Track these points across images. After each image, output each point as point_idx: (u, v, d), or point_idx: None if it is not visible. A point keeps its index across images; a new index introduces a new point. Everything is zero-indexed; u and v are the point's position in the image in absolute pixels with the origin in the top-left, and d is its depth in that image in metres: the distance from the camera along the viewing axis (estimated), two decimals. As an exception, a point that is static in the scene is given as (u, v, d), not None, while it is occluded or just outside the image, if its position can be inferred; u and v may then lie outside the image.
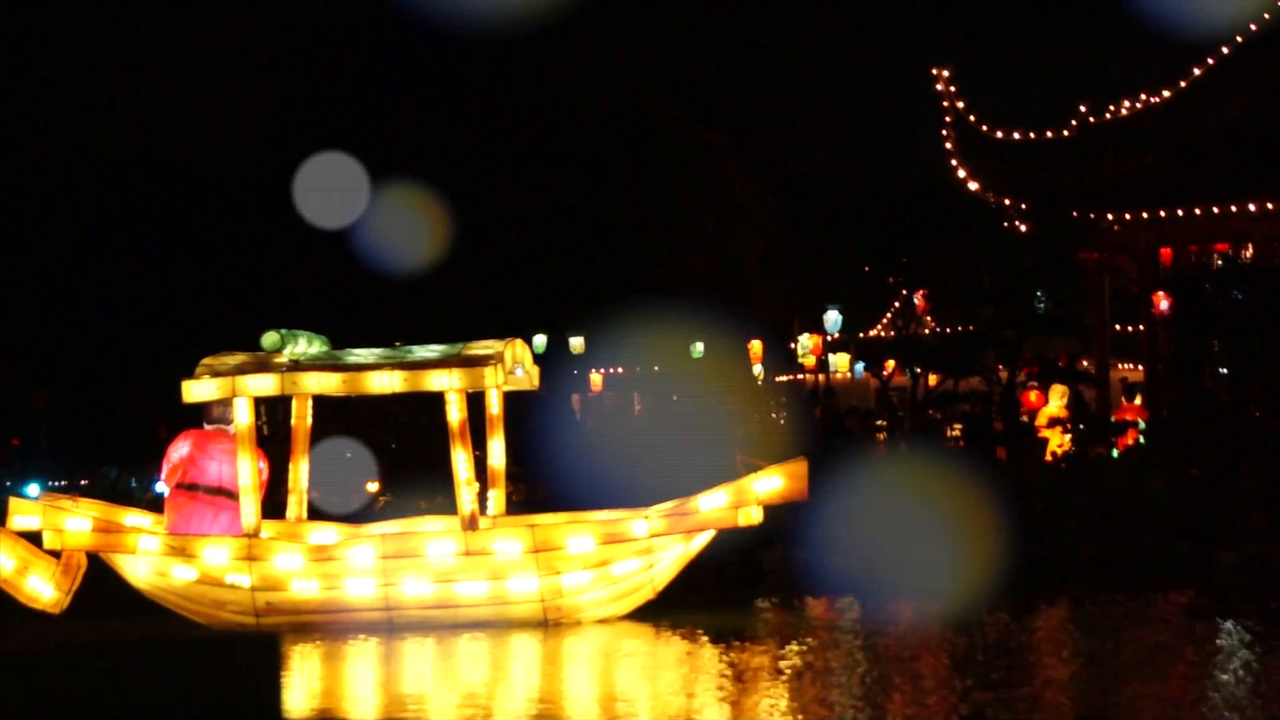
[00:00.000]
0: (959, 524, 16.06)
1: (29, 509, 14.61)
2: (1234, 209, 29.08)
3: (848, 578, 15.44)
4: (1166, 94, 31.02)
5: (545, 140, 36.64)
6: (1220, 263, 29.85)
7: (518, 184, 35.50)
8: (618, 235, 36.51)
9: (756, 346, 36.09)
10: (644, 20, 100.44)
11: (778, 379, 38.76)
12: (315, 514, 15.87)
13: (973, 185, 31.26)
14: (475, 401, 14.41)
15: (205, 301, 36.81)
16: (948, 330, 35.91)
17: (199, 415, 14.99)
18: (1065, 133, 31.27)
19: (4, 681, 8.34)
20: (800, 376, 37.18)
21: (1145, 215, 29.96)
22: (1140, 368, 33.97)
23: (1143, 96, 31.18)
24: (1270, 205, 28.86)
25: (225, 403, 14.44)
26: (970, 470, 17.63)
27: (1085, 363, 33.05)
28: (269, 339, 14.45)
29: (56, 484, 24.54)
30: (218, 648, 9.84)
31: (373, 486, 22.59)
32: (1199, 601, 15.07)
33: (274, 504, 15.18)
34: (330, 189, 33.31)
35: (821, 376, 37.08)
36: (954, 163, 31.32)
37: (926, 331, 39.62)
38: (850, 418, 28.13)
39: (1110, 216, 30.14)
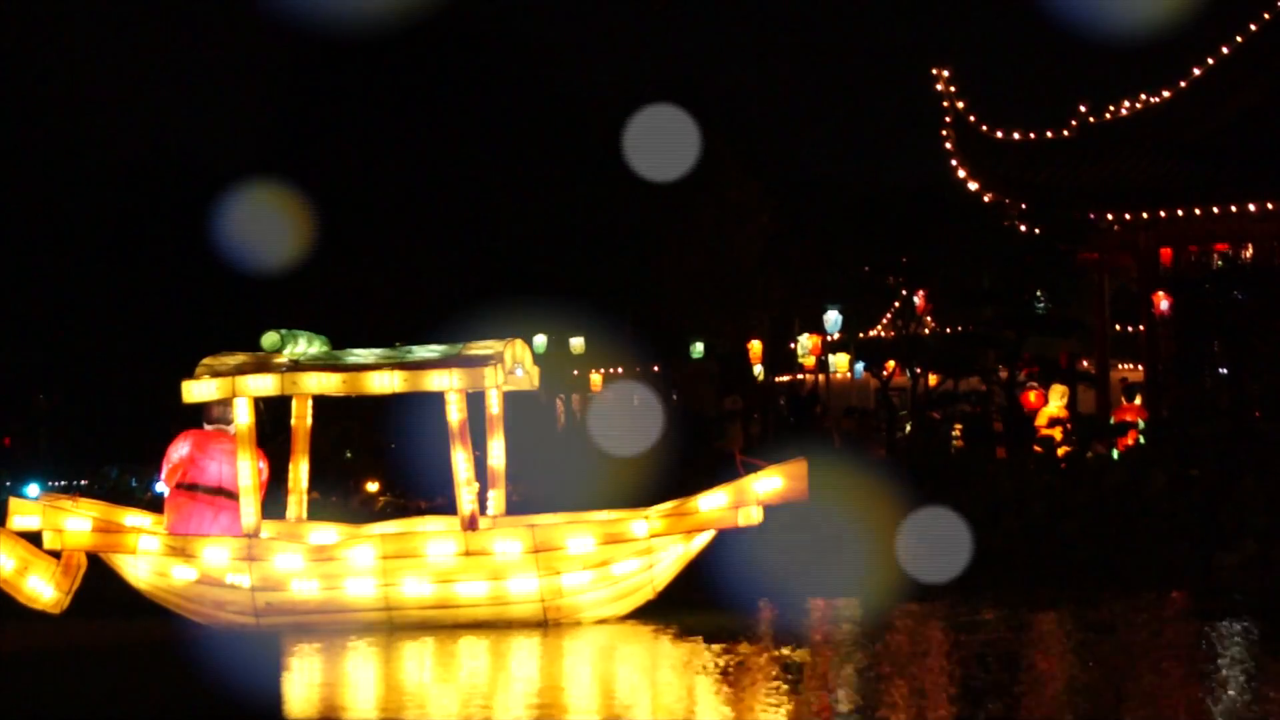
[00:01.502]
0: (863, 522, 16.12)
1: (29, 509, 14.61)
2: (1234, 209, 29.10)
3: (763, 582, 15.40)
4: (1166, 94, 31.04)
5: (545, 140, 36.65)
6: (1220, 263, 29.87)
7: (517, 184, 35.50)
8: (617, 235, 36.49)
9: (756, 346, 36.08)
10: (644, 20, 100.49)
11: (777, 379, 38.77)
12: (315, 514, 15.88)
13: (973, 185, 31.27)
14: (475, 402, 14.40)
15: (205, 301, 36.82)
16: (948, 330, 35.89)
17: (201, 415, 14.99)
18: (1065, 133, 31.30)
19: (4, 681, 8.34)
20: (800, 376, 37.17)
21: (1145, 215, 29.97)
22: (1140, 368, 33.96)
23: (1143, 96, 31.20)
24: (1270, 205, 28.87)
25: (225, 403, 14.43)
26: (859, 466, 17.74)
27: (1085, 363, 33.06)
28: (269, 339, 14.45)
29: (56, 484, 24.57)
30: (218, 648, 9.85)
31: (373, 486, 22.61)
32: (1199, 601, 15.07)
33: (274, 504, 15.17)
34: (663, 138, 33.16)
35: (818, 377, 37.05)
36: (954, 163, 31.34)
37: (926, 331, 39.60)
38: (849, 418, 28.14)
39: (1110, 216, 30.15)
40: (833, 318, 33.60)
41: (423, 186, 35.26)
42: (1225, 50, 30.90)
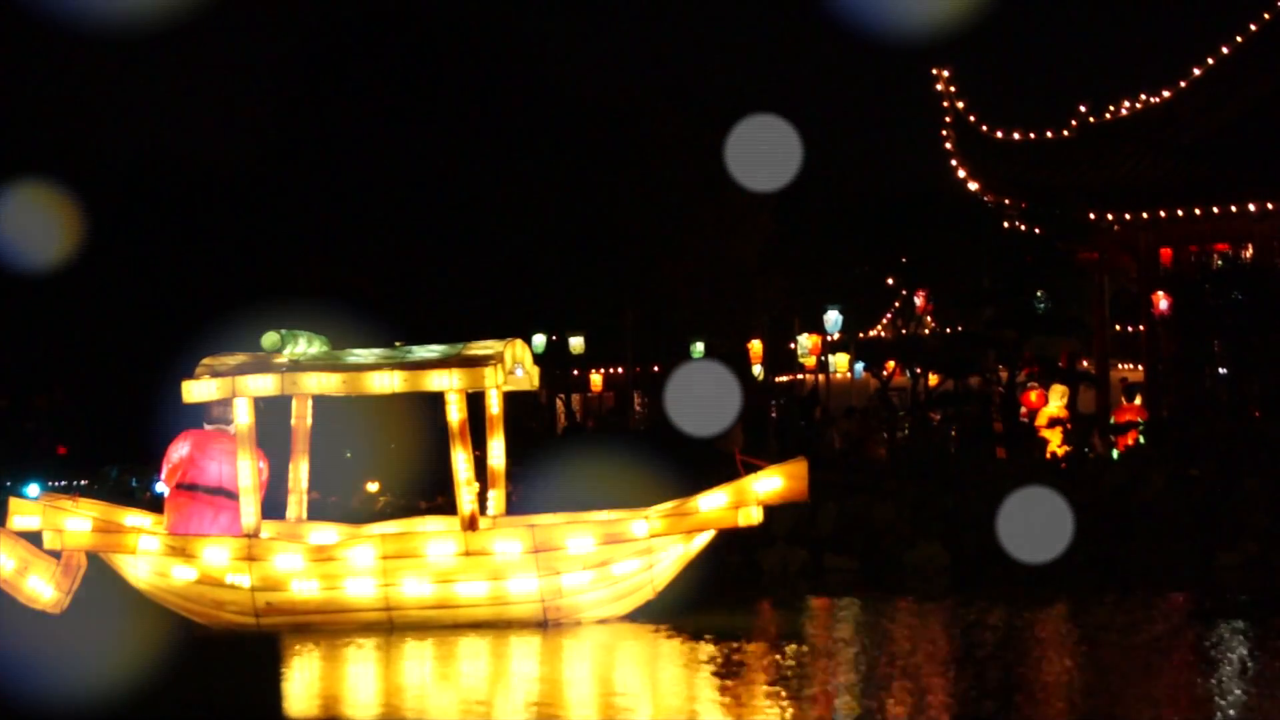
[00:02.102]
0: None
1: (29, 509, 14.61)
2: (1234, 209, 29.12)
3: None
4: (1166, 94, 31.05)
5: (545, 140, 36.63)
6: (1220, 263, 29.89)
7: (517, 183, 35.49)
8: (617, 235, 36.50)
9: (756, 346, 36.11)
10: (643, 19, 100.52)
11: (777, 379, 38.82)
12: (315, 514, 15.87)
13: (973, 185, 31.29)
14: (475, 401, 14.40)
15: (205, 301, 36.81)
16: (948, 330, 35.93)
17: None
18: (1065, 133, 31.31)
19: (5, 681, 8.33)
20: (800, 376, 37.21)
21: (1145, 215, 29.99)
22: (1140, 368, 33.98)
23: (1143, 96, 31.21)
24: (1270, 205, 28.89)
25: (225, 403, 14.43)
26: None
27: (1085, 363, 33.07)
28: (269, 339, 14.44)
29: (56, 484, 24.54)
30: (218, 648, 9.83)
31: (373, 486, 22.58)
32: (1199, 601, 15.07)
33: (274, 504, 15.16)
34: (764, 148, 33.13)
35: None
36: (954, 163, 31.35)
37: (926, 331, 39.65)
38: (849, 418, 28.14)
39: (1110, 216, 30.17)
40: (833, 318, 33.63)
41: (422, 185, 35.24)
42: (1225, 50, 30.91)
